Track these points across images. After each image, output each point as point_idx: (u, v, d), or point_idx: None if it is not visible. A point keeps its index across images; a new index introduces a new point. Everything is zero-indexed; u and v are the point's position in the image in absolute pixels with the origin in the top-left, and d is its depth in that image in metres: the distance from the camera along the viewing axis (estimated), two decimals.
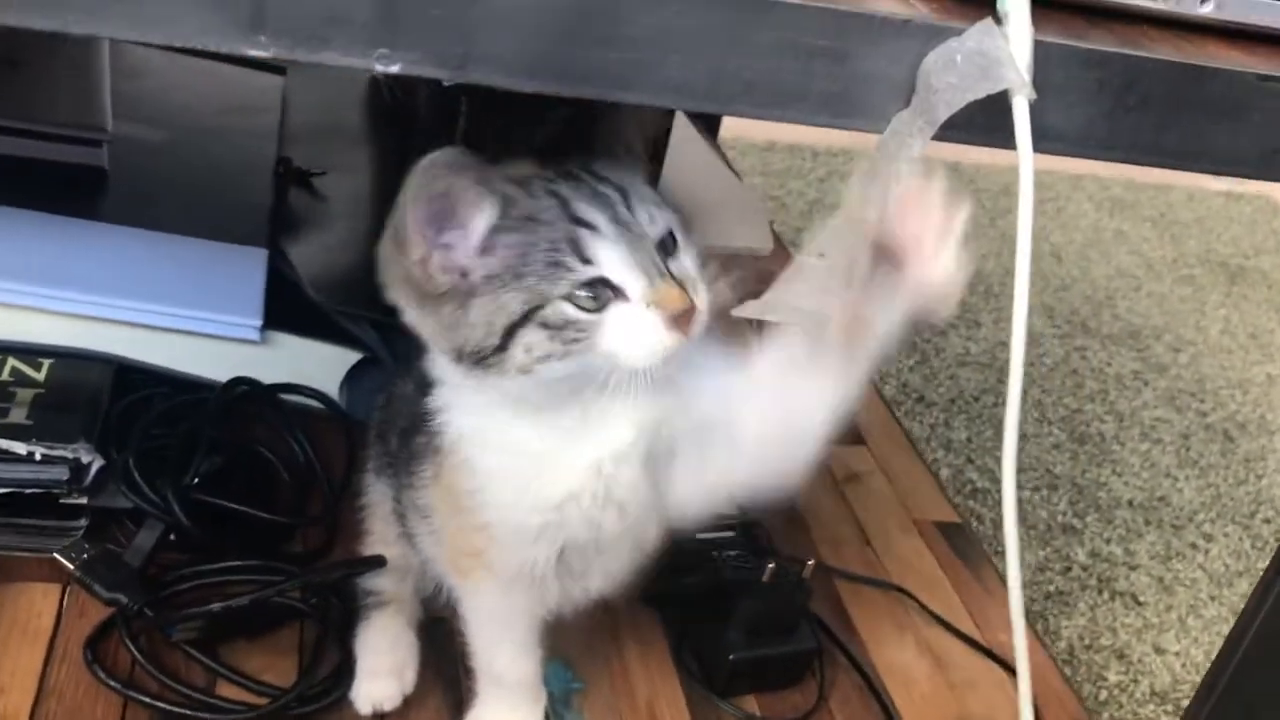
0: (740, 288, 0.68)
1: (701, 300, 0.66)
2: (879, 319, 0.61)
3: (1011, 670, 1.05)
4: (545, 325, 0.64)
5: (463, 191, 0.63)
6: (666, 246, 0.67)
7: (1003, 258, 2.34)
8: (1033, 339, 2.06)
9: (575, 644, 0.93)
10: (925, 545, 1.16)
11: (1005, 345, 2.00)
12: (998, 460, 1.70)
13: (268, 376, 1.04)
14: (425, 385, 0.74)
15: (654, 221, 0.66)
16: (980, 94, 0.53)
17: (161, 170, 1.12)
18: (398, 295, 0.67)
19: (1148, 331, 2.17)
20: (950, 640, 1.05)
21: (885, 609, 1.07)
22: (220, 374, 1.02)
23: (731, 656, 0.93)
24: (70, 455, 0.90)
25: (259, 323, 1.00)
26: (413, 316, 0.68)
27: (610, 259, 0.64)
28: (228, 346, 1.01)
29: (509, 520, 0.73)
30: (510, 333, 0.64)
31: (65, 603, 0.90)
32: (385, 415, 0.91)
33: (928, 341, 1.98)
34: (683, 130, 1.48)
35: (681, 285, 0.65)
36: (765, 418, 0.68)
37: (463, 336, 0.65)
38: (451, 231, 0.64)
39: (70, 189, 1.05)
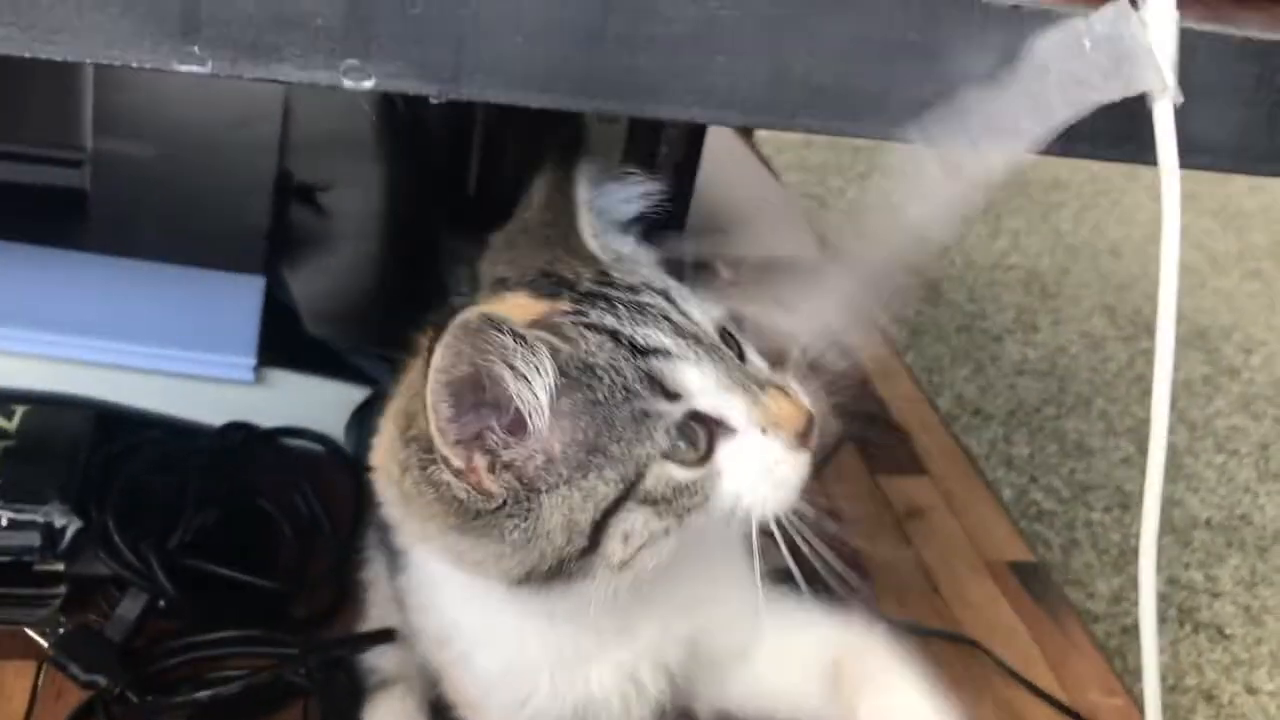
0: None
1: (808, 400, 0.52)
2: None
3: None
4: (649, 501, 0.49)
5: (505, 357, 0.46)
6: (729, 344, 0.53)
7: (1056, 255, 2.21)
8: (1094, 343, 1.94)
9: None
10: (999, 589, 1.04)
11: (1064, 350, 1.90)
12: (1063, 478, 1.59)
13: (266, 419, 0.94)
14: None
15: (709, 316, 0.53)
16: (1112, 96, 0.42)
17: (148, 191, 1.03)
18: (425, 531, 0.51)
19: (1216, 331, 2.04)
20: (1031, 700, 0.94)
21: (957, 665, 0.96)
22: (214, 418, 0.92)
23: None
24: (41, 519, 0.80)
25: (253, 362, 0.90)
26: (450, 552, 0.52)
27: (697, 383, 0.50)
28: (221, 388, 0.91)
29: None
30: (602, 524, 0.49)
31: (41, 682, 0.81)
32: None
33: (982, 349, 1.86)
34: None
35: (783, 390, 0.52)
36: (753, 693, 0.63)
37: (538, 552, 0.49)
38: (492, 417, 0.48)
39: (46, 215, 0.95)
